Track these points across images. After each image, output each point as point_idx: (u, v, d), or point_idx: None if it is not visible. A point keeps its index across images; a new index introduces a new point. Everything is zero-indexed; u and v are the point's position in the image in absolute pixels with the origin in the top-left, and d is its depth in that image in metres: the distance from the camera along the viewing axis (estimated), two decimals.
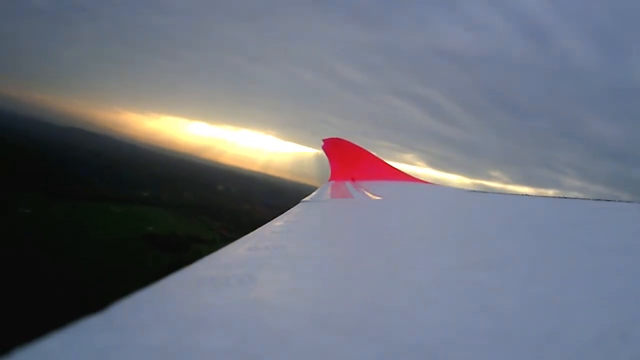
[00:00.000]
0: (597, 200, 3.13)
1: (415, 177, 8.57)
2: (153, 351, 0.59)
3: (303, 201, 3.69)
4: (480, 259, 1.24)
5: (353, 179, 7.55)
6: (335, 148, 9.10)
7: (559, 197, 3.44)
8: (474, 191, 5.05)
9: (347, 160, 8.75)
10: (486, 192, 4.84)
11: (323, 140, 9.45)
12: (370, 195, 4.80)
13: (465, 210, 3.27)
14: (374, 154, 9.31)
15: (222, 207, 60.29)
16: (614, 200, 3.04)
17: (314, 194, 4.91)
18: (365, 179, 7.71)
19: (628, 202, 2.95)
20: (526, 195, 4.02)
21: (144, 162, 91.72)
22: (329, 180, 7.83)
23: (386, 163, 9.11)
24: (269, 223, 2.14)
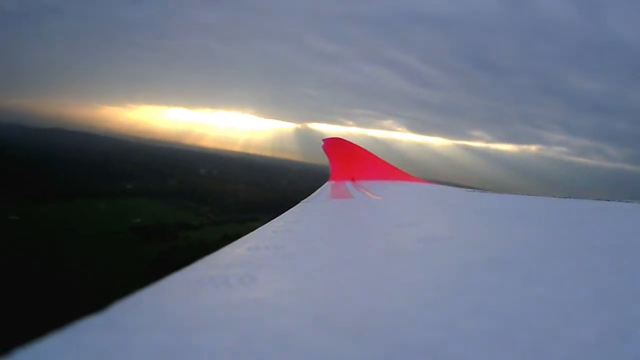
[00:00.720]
0: (597, 200, 3.13)
1: (415, 176, 8.58)
2: (153, 351, 0.59)
3: (303, 201, 3.69)
4: (480, 259, 1.24)
5: (353, 179, 7.55)
6: (335, 148, 9.10)
7: (559, 197, 3.44)
8: (474, 191, 5.05)
9: (347, 160, 8.75)
10: (486, 192, 4.84)
11: (323, 140, 9.46)
12: (370, 195, 4.80)
13: (465, 210, 3.27)
14: (374, 153, 9.31)
15: (207, 191, 60.30)
16: (614, 200, 3.04)
17: (314, 194, 4.91)
18: (365, 179, 7.71)
19: (628, 202, 2.95)
20: (526, 195, 4.02)
21: (126, 154, 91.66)
22: (329, 180, 7.83)
23: (386, 163, 9.10)
24: (268, 223, 2.14)
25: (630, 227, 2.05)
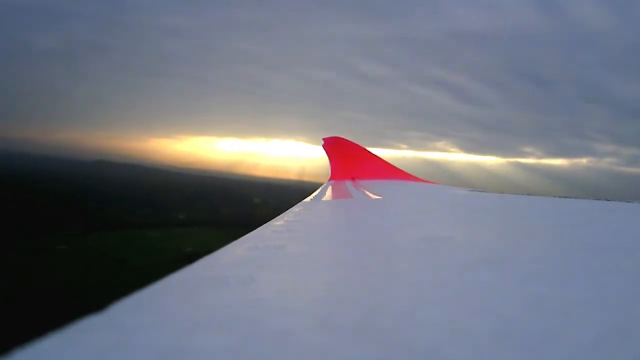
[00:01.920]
0: (597, 200, 3.13)
1: (416, 176, 8.57)
2: (153, 351, 0.59)
3: (303, 201, 3.69)
4: (480, 259, 1.24)
5: (353, 179, 7.55)
6: (335, 147, 9.09)
7: (559, 197, 3.44)
8: (474, 191, 5.05)
9: (347, 159, 8.74)
10: (486, 192, 4.84)
11: (323, 139, 9.44)
12: (371, 194, 4.80)
13: (466, 210, 3.27)
14: (374, 152, 9.30)
15: (260, 219, 58.70)
16: (614, 200, 3.04)
17: (314, 193, 4.90)
18: (365, 179, 7.71)
19: (628, 202, 2.95)
20: (526, 195, 4.02)
21: (177, 185, 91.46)
22: (329, 180, 7.83)
23: (386, 162, 9.09)
24: (268, 223, 2.14)
25: (630, 227, 2.05)
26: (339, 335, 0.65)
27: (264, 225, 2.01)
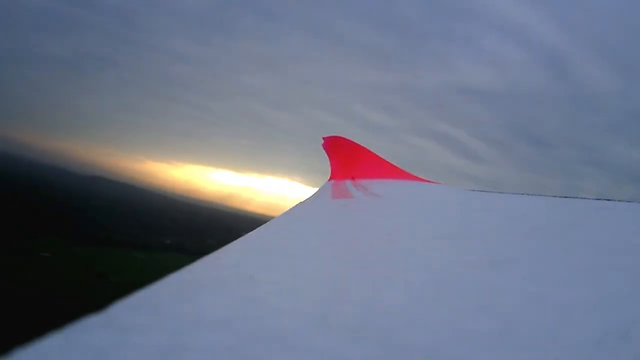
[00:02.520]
0: (597, 200, 3.13)
1: (416, 176, 8.56)
2: (153, 351, 0.59)
3: (303, 201, 3.69)
4: (480, 259, 1.24)
5: (353, 178, 7.54)
6: (335, 146, 9.08)
7: (559, 197, 3.44)
8: (474, 190, 5.05)
9: (347, 158, 8.73)
10: (486, 191, 4.83)
11: (323, 138, 9.42)
12: (371, 194, 4.80)
13: (466, 210, 3.27)
14: (374, 152, 9.29)
15: None
16: (614, 200, 3.04)
17: (314, 193, 4.90)
18: (365, 178, 7.70)
19: (628, 202, 2.95)
20: (526, 194, 4.02)
21: (168, 210, 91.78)
22: (329, 180, 7.82)
23: (387, 161, 9.08)
24: (268, 223, 2.14)
25: (630, 227, 2.05)
26: (339, 335, 0.65)
27: (263, 225, 2.01)
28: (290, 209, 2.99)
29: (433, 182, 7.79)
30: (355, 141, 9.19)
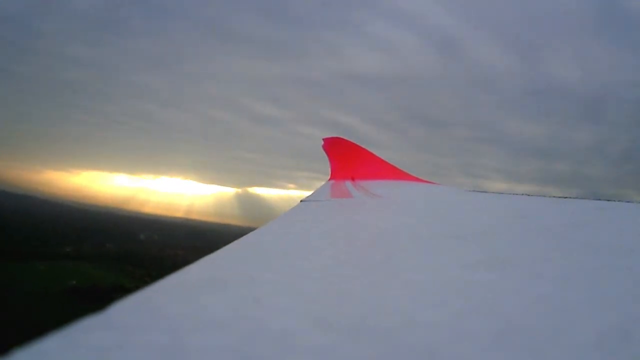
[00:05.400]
0: (597, 200, 3.13)
1: (416, 176, 8.56)
2: (153, 351, 0.59)
3: (303, 201, 3.69)
4: (480, 259, 1.24)
5: (353, 178, 7.54)
6: (335, 147, 9.10)
7: (559, 197, 3.44)
8: (474, 191, 5.05)
9: (346, 159, 8.74)
10: (486, 191, 4.84)
11: (323, 139, 9.44)
12: (371, 194, 4.80)
13: (466, 210, 3.27)
14: (374, 153, 9.30)
15: (144, 255, 62.05)
16: (614, 200, 3.04)
17: (313, 193, 4.90)
18: (365, 178, 7.70)
19: (628, 202, 2.95)
20: (526, 195, 4.02)
21: (68, 219, 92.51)
22: (329, 180, 7.83)
23: (386, 162, 9.09)
24: (268, 223, 2.13)
25: (630, 227, 2.04)
26: (339, 335, 0.65)
27: (263, 225, 2.01)
28: (290, 209, 2.99)
29: (433, 183, 7.79)
30: (345, 139, 9.23)
